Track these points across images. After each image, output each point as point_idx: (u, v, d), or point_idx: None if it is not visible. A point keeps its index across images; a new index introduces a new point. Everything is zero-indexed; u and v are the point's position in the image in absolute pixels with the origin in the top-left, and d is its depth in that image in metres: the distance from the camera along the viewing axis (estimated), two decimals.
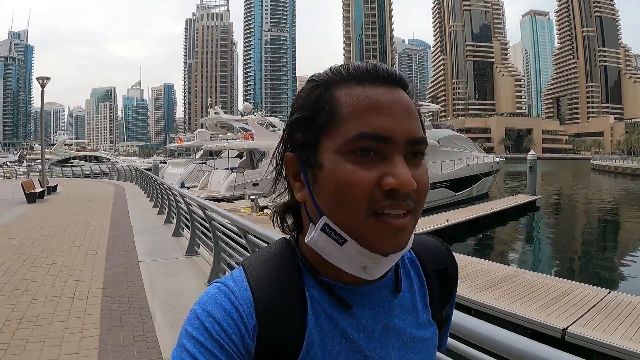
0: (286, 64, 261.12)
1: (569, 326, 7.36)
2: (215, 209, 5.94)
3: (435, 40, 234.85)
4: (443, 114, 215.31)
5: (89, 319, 4.71)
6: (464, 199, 27.06)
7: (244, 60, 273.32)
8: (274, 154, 0.82)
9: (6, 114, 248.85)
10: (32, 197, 17.71)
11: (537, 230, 22.72)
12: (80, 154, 61.43)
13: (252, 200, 19.07)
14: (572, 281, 10.77)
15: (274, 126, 36.22)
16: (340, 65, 0.77)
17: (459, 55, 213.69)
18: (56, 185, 23.17)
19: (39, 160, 53.11)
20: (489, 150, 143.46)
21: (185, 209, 8.48)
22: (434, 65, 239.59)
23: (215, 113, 43.93)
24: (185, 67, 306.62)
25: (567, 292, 9.05)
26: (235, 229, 4.86)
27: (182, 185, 28.92)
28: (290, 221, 0.84)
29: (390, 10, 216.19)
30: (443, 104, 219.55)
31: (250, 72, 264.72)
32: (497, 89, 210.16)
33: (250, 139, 31.63)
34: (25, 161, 66.74)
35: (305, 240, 0.75)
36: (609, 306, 8.16)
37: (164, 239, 9.59)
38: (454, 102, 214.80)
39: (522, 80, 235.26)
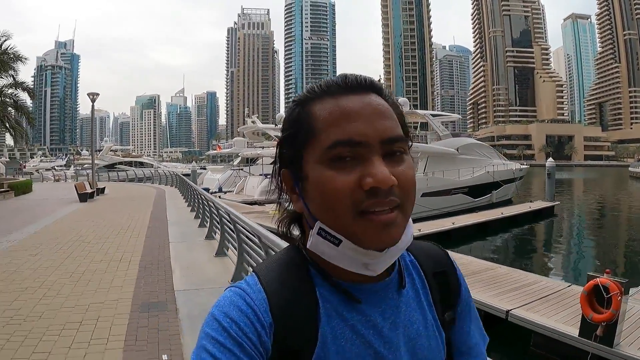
0: (327, 72, 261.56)
1: (512, 309, 8.52)
2: (223, 205, 8.26)
3: (475, 46, 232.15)
4: (483, 120, 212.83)
5: (130, 271, 7.07)
6: (484, 205, 27.05)
7: (285, 68, 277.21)
8: (272, 172, 0.90)
9: (53, 121, 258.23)
10: (84, 197, 20.39)
11: (545, 234, 23.36)
12: (125, 159, 65.20)
13: (279, 203, 20.99)
14: (540, 275, 11.83)
15: None
16: (315, 83, 0.81)
17: (499, 61, 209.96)
18: (104, 188, 25.99)
19: (86, 165, 56.91)
20: (530, 157, 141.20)
21: (207, 204, 10.75)
22: (474, 72, 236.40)
23: (252, 122, 46.52)
24: (227, 75, 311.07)
25: (529, 284, 10.14)
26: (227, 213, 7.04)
27: (220, 190, 31.37)
28: (296, 231, 0.89)
29: (429, 17, 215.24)
30: (484, 110, 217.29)
31: (291, 79, 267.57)
32: (538, 95, 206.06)
33: None
34: (72, 166, 70.83)
35: (307, 246, 0.79)
36: (561, 296, 9.19)
37: (192, 229, 11.85)
38: (494, 108, 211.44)
39: (564, 86, 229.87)
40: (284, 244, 0.87)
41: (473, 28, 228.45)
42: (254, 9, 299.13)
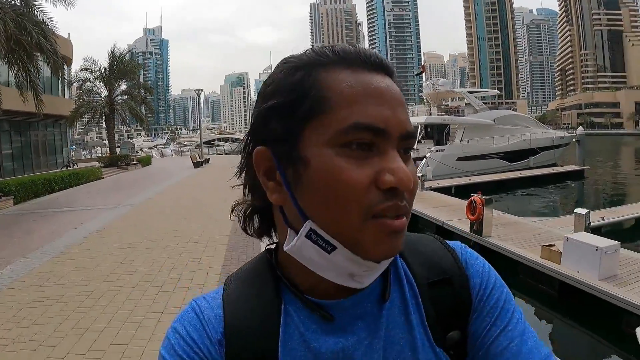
0: (410, 42, 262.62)
1: (446, 220, 11.64)
2: None
3: (560, 10, 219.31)
4: (571, 88, 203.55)
5: (223, 230, 9.73)
6: (520, 169, 27.99)
7: (369, 40, 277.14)
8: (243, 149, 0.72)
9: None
10: (197, 165, 29.56)
11: (562, 191, 24.04)
12: (221, 136, 74.39)
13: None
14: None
15: None
16: (324, 47, 0.64)
17: (585, 25, 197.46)
18: (209, 159, 34.80)
19: (185, 142, 67.18)
20: (618, 125, 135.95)
21: None
22: (561, 37, 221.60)
23: None
24: None
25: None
26: None
27: None
28: (257, 225, 0.74)
29: None
30: (571, 77, 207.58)
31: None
32: (627, 60, 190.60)
33: None
34: (172, 144, 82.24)
35: (285, 249, 0.64)
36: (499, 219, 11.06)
37: None
38: (582, 75, 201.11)
39: None
40: None
41: None
42: None
